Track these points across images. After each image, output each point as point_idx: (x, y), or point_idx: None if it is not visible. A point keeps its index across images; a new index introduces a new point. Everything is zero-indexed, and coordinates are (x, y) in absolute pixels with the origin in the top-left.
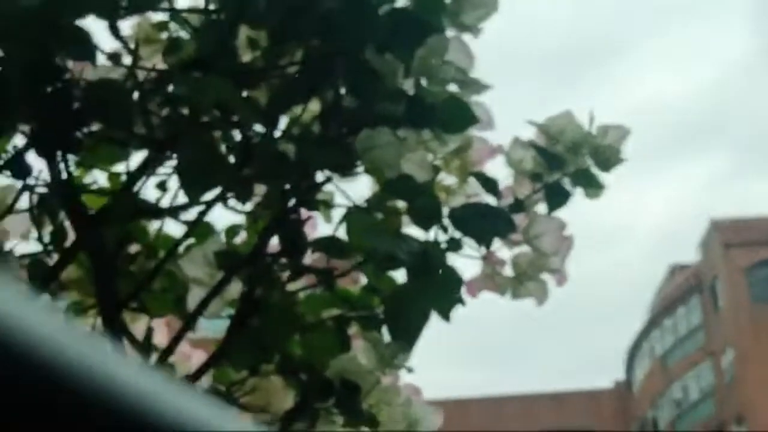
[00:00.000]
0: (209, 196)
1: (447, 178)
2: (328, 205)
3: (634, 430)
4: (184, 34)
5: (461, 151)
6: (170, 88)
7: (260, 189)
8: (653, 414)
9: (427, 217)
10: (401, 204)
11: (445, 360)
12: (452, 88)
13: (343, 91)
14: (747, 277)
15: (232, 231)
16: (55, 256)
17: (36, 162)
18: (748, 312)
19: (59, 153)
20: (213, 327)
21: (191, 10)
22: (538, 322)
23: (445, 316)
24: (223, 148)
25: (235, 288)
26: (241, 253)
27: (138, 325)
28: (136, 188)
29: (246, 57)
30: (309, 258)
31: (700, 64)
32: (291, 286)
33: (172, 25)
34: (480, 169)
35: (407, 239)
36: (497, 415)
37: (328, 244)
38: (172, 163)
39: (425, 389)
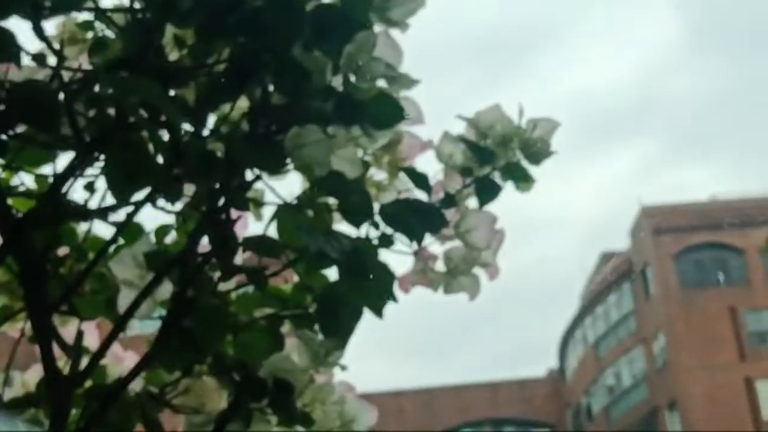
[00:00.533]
0: (138, 196)
1: (378, 174)
2: (258, 204)
3: (567, 417)
4: (110, 34)
5: (391, 146)
6: (96, 88)
7: (190, 189)
8: (587, 401)
9: (358, 213)
10: (332, 201)
11: (379, 352)
12: (381, 83)
13: (271, 89)
14: (676, 262)
15: (162, 231)
16: None
17: None
18: (678, 297)
19: None
20: (151, 325)
21: (116, 10)
22: (470, 313)
23: (378, 312)
24: (151, 148)
25: (166, 289)
26: (171, 254)
27: (69, 329)
28: (63, 190)
29: (173, 56)
30: (240, 257)
31: (626, 53)
32: (223, 286)
33: (98, 25)
34: (411, 164)
35: (338, 237)
36: (431, 406)
37: (258, 243)
38: (101, 164)
39: (359, 382)
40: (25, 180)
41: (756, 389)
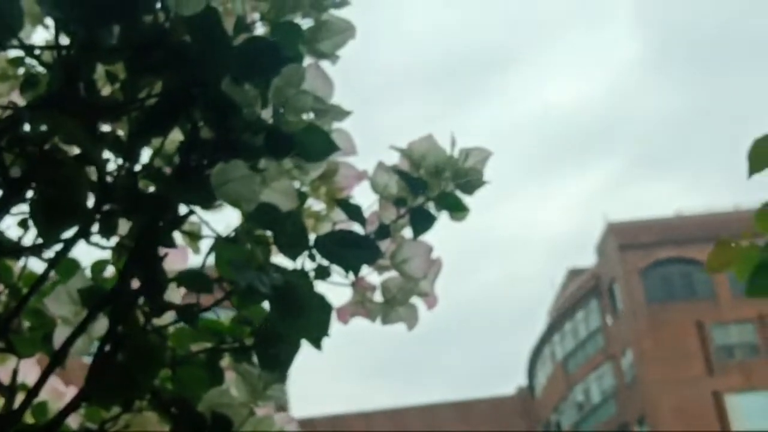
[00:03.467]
0: (69, 233)
1: (316, 205)
2: (195, 237)
3: None
4: (42, 70)
5: (328, 177)
6: (24, 125)
7: (126, 223)
8: (556, 418)
9: (293, 246)
10: (270, 233)
11: (348, 374)
12: (313, 115)
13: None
14: (643, 278)
15: (98, 267)
16: None
17: None
18: (646, 313)
19: None
20: None
21: (41, 47)
22: (439, 332)
23: (316, 344)
24: (82, 184)
25: (102, 325)
26: (106, 290)
27: (7, 366)
28: None
29: (106, 90)
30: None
31: (588, 73)
32: (160, 321)
33: (29, 61)
34: (348, 194)
35: (269, 271)
36: (402, 426)
37: (191, 279)
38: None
39: (328, 404)
40: None
41: (724, 403)
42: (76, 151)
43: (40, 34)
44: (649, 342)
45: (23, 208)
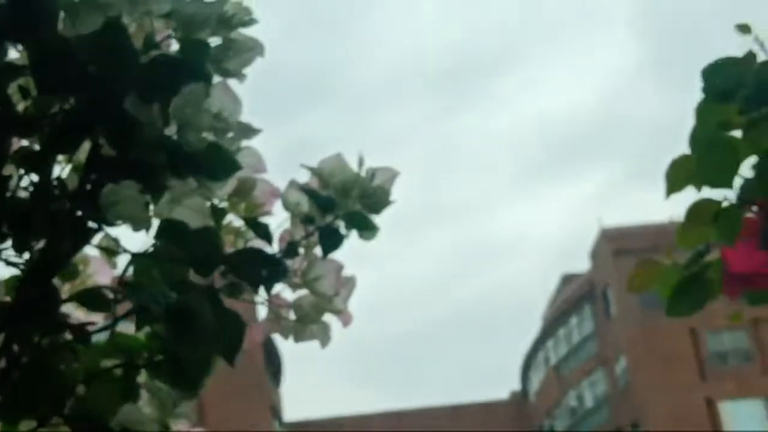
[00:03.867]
0: None
1: (236, 221)
2: (112, 253)
3: None
4: None
5: (244, 193)
6: None
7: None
8: (550, 423)
9: (204, 263)
10: None
11: (344, 377)
12: (218, 135)
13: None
14: None
15: (10, 283)
16: None
17: None
18: (639, 318)
19: None
20: None
21: None
22: (434, 337)
23: (230, 361)
24: None
25: None
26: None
27: None
28: None
29: (20, 106)
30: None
31: (587, 77)
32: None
33: None
34: (268, 210)
35: (165, 289)
36: (397, 429)
37: (87, 298)
38: None
39: (325, 405)
40: None
41: (717, 409)
42: None
43: None
44: (642, 348)
45: None
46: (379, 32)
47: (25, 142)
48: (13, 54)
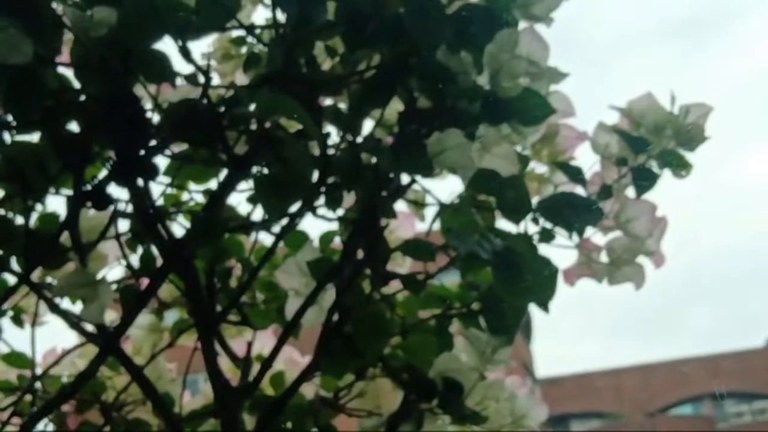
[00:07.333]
0: (295, 207)
1: (538, 167)
2: (420, 205)
3: None
4: (263, 48)
5: (548, 139)
6: (247, 104)
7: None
8: None
9: (515, 210)
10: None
11: (595, 333)
12: (528, 80)
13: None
14: None
15: (326, 238)
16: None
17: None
18: None
19: (139, 179)
20: None
21: (258, 26)
22: (684, 288)
23: (544, 307)
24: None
25: (331, 295)
26: (333, 261)
27: (243, 338)
28: (226, 204)
29: (327, 65)
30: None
31: None
32: (388, 289)
33: (251, 39)
34: (570, 155)
35: (490, 237)
36: (648, 383)
37: (414, 248)
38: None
39: (577, 361)
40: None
41: None
42: (297, 126)
43: (262, 13)
44: None
45: (249, 184)
46: None
47: (329, 101)
48: None
